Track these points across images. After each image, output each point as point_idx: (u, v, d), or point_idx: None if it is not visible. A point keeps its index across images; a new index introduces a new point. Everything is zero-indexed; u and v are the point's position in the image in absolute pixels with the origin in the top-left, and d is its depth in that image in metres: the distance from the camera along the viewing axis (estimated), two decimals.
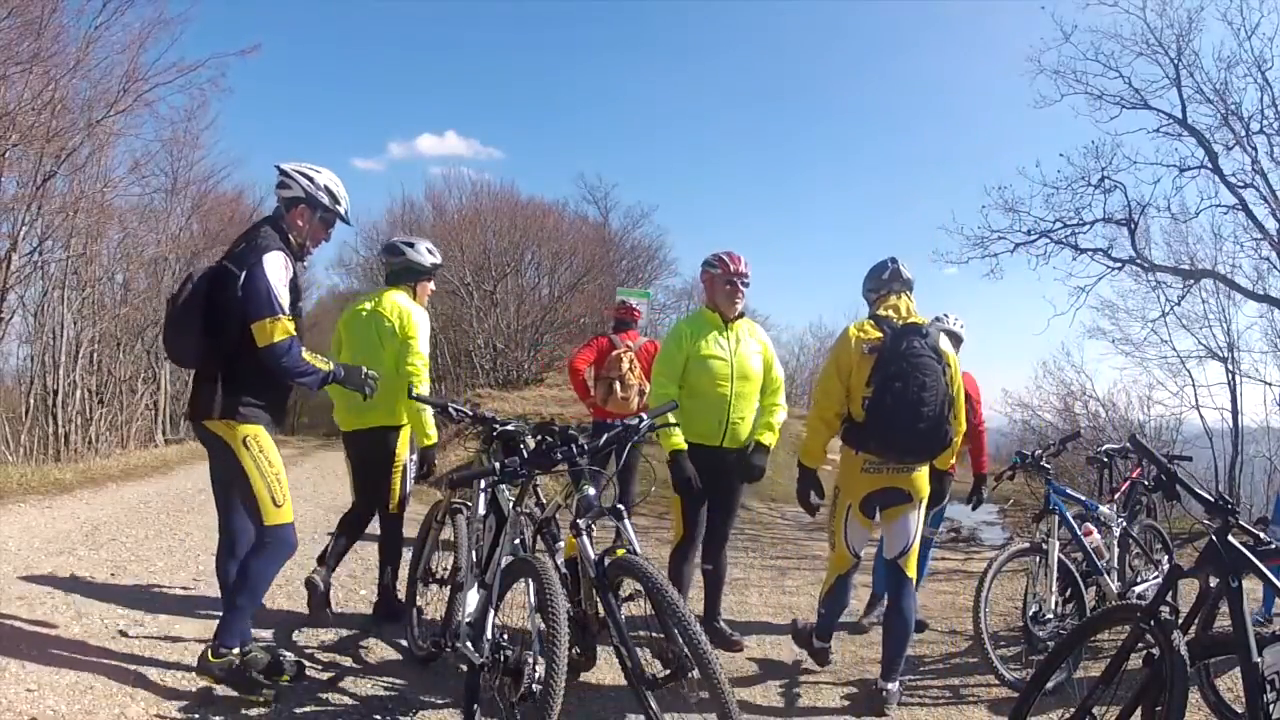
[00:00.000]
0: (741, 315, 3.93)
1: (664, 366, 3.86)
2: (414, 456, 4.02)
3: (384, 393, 3.44)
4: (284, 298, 2.86)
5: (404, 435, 3.94)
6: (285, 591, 4.25)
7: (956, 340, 4.37)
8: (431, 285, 4.17)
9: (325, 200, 3.07)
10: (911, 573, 3.36)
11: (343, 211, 3.16)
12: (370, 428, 3.87)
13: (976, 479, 4.54)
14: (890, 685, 3.30)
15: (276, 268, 2.86)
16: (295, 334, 2.89)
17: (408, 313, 3.88)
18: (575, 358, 6.25)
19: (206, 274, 2.97)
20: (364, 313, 3.98)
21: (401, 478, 3.95)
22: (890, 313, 3.35)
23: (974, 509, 4.74)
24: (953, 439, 3.23)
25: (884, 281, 3.47)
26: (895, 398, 3.07)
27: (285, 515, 2.93)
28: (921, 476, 3.30)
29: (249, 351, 2.84)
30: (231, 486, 3.00)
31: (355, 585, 4.70)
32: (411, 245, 4.08)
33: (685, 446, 3.66)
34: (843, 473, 3.37)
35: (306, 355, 2.96)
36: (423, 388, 3.80)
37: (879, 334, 3.22)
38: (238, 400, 2.88)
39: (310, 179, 3.06)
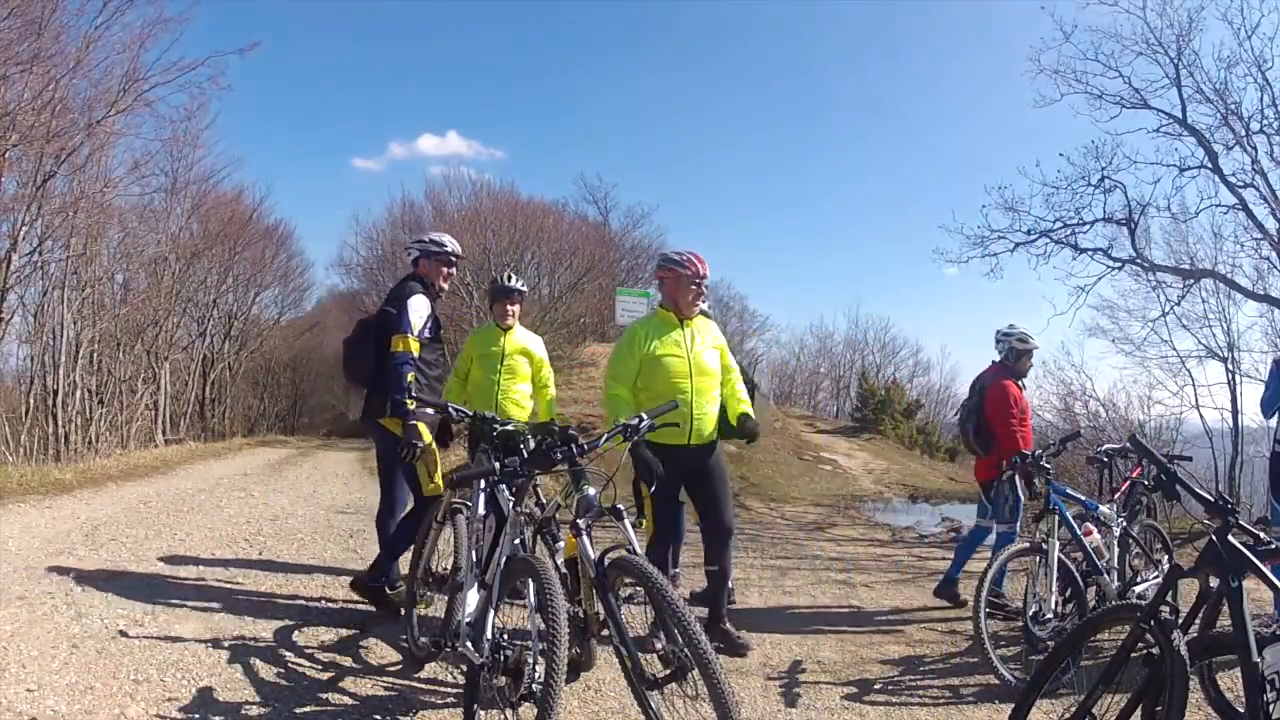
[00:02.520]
0: (692, 316, 3.90)
1: (616, 369, 3.86)
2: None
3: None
4: (417, 325, 3.96)
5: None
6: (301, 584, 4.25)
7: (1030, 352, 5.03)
8: (508, 306, 4.80)
9: (434, 249, 4.24)
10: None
11: (449, 251, 4.23)
12: None
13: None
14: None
15: (418, 305, 4.00)
16: (417, 352, 3.94)
17: None
18: None
19: (378, 319, 4.08)
20: None
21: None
22: None
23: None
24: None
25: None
26: None
27: (439, 489, 3.95)
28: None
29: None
30: (397, 465, 3.99)
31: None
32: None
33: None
34: None
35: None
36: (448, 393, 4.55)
37: None
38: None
39: (421, 240, 4.34)
